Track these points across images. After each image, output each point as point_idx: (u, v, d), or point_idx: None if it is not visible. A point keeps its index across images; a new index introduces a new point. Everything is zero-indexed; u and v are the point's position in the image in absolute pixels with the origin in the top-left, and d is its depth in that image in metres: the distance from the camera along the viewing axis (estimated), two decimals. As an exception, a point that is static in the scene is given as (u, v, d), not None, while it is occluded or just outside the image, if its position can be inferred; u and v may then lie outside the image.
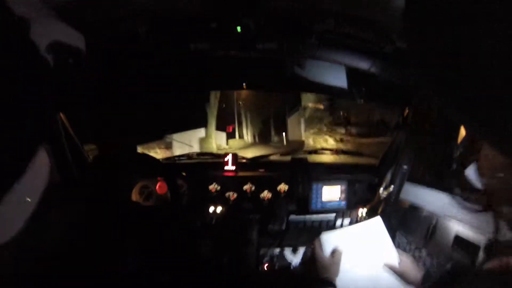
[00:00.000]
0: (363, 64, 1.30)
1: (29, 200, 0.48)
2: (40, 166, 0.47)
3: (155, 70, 1.41)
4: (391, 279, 1.15)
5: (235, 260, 1.47)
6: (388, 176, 1.58)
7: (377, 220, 1.32)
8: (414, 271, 1.12)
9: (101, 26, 0.99)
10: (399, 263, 1.17)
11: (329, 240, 1.25)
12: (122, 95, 1.61)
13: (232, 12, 1.04)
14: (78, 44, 0.56)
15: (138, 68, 1.37)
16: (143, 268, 1.24)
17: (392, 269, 1.16)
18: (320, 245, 1.23)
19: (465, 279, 0.62)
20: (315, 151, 1.99)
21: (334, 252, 1.19)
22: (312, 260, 1.20)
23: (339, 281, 1.10)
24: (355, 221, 1.70)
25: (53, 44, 0.47)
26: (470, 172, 1.05)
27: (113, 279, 1.11)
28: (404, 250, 1.43)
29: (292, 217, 1.67)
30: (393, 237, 1.51)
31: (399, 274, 1.14)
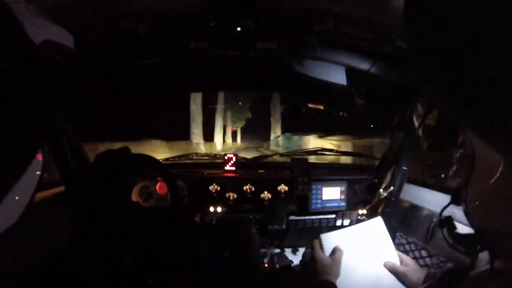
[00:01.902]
0: (363, 65, 1.30)
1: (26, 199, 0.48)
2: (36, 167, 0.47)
3: (154, 69, 1.41)
4: (392, 279, 1.15)
5: (235, 261, 1.47)
6: (388, 177, 1.58)
7: (378, 221, 1.33)
8: (416, 273, 1.12)
9: (101, 25, 0.99)
10: (400, 264, 1.17)
11: (330, 240, 1.25)
12: (121, 94, 1.61)
13: (232, 11, 1.04)
14: (66, 42, 0.55)
15: (138, 67, 1.37)
16: (143, 267, 1.24)
17: (394, 270, 1.15)
18: (320, 246, 1.23)
19: (465, 279, 0.62)
20: (315, 152, 1.99)
21: (334, 252, 1.18)
22: (312, 261, 1.19)
23: (339, 282, 1.10)
24: (355, 221, 1.70)
25: (42, 43, 0.47)
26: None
27: (113, 278, 1.11)
28: (405, 250, 1.43)
29: (292, 217, 1.67)
30: (393, 237, 1.51)
31: (401, 275, 1.13)
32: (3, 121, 0.35)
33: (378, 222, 1.32)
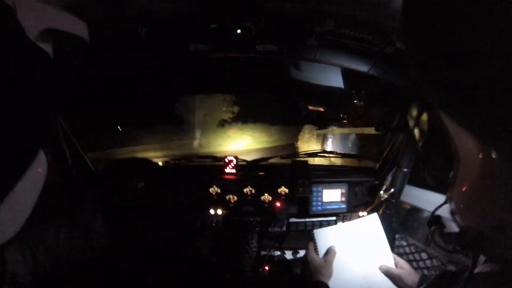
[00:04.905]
0: (363, 66, 1.30)
1: (31, 200, 0.48)
2: (40, 168, 0.47)
3: (154, 71, 1.42)
4: (385, 279, 1.15)
5: (235, 263, 1.46)
6: (389, 178, 1.58)
7: (373, 217, 1.32)
8: (411, 276, 1.12)
9: (101, 26, 0.99)
10: (395, 267, 1.17)
11: (323, 236, 1.25)
12: (122, 95, 1.61)
13: (232, 13, 1.04)
14: (77, 32, 0.55)
15: (138, 68, 1.37)
16: (143, 269, 1.23)
17: (388, 273, 1.15)
18: (314, 247, 1.23)
19: (463, 280, 0.62)
20: (316, 154, 1.98)
21: (327, 253, 1.18)
22: (305, 262, 1.20)
23: (332, 282, 1.10)
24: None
25: (50, 31, 0.46)
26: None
27: (113, 280, 1.11)
28: (405, 252, 1.42)
29: (293, 219, 1.66)
30: (393, 239, 1.50)
31: (395, 278, 1.13)
32: (3, 122, 0.35)
33: (373, 219, 1.32)
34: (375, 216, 1.33)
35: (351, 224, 1.32)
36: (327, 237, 1.25)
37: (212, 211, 1.60)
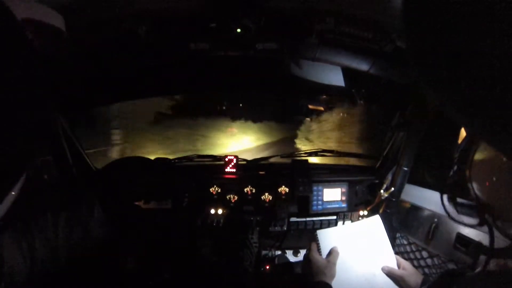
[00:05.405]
0: (363, 65, 1.30)
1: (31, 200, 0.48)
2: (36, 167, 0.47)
3: (154, 70, 1.42)
4: (388, 280, 1.15)
5: (236, 262, 1.46)
6: (389, 177, 1.58)
7: (376, 219, 1.32)
8: (414, 277, 1.12)
9: (101, 26, 0.99)
10: (398, 268, 1.17)
11: (326, 237, 1.25)
12: (123, 95, 1.61)
13: (232, 12, 1.04)
14: (57, 24, 0.55)
15: (138, 68, 1.37)
16: (144, 269, 1.24)
17: (391, 274, 1.15)
18: (316, 248, 1.23)
19: (465, 280, 0.62)
20: (316, 153, 1.99)
21: (330, 254, 1.18)
22: (307, 263, 1.19)
23: (335, 282, 1.10)
24: (356, 222, 1.70)
25: (32, 22, 0.47)
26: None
27: (112, 279, 1.11)
28: (405, 251, 1.42)
29: (293, 219, 1.66)
30: (393, 238, 1.50)
31: (398, 279, 1.14)
32: (3, 121, 0.35)
33: (376, 221, 1.32)
34: (377, 218, 1.33)
35: (353, 225, 1.33)
36: (330, 237, 1.25)
37: (212, 211, 1.60)
